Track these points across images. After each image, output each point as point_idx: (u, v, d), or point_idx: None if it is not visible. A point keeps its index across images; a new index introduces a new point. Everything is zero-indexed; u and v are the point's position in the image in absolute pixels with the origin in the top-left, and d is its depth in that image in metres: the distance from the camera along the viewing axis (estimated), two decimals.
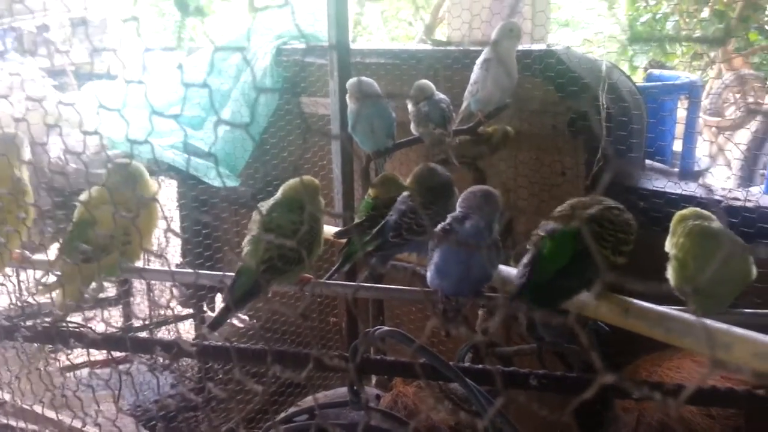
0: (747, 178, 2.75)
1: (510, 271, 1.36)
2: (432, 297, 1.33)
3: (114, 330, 2.76)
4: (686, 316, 0.98)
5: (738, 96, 4.85)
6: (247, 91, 3.12)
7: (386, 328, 1.19)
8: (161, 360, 2.67)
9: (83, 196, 1.46)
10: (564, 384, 1.07)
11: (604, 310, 1.11)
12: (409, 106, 2.05)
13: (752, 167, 2.75)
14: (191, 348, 1.14)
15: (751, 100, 4.69)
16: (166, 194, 3.42)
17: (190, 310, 3.58)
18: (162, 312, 3.55)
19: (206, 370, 3.35)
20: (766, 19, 5.98)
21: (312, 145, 3.09)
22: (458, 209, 1.34)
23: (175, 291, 3.41)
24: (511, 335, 2.11)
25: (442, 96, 2.02)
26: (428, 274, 1.37)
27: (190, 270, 1.99)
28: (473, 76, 2.05)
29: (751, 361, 0.85)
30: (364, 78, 2.04)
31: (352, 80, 2.03)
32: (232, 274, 1.35)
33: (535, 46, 2.43)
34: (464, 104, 2.11)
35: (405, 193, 1.60)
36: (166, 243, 3.43)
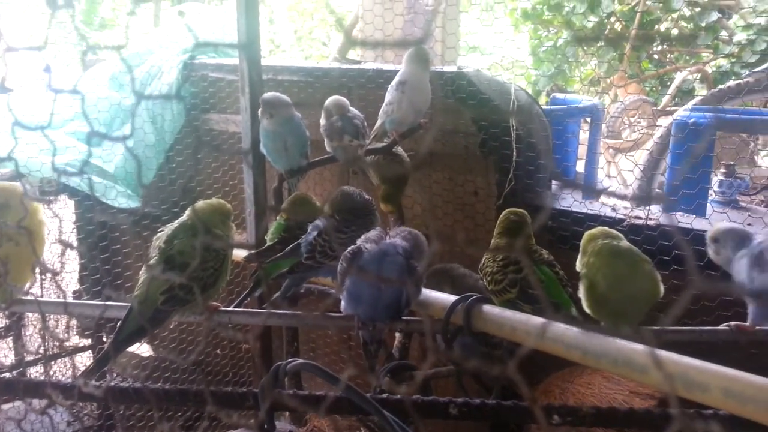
0: (645, 197, 2.90)
1: (431, 294, 1.33)
2: (349, 323, 1.28)
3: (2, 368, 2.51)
4: (601, 336, 0.99)
5: (633, 119, 5.16)
6: (151, 107, 2.97)
7: (299, 360, 1.12)
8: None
9: None
10: (483, 411, 1.05)
11: (522, 333, 1.10)
12: (322, 121, 2.00)
13: (650, 187, 2.91)
14: (95, 391, 1.02)
15: (644, 123, 5.00)
16: (64, 216, 3.18)
17: (89, 341, 3.32)
18: (57, 344, 3.27)
19: (105, 408, 3.11)
20: (655, 48, 6.45)
21: (222, 163, 2.97)
22: (376, 234, 1.31)
23: (72, 321, 3.16)
24: (429, 358, 2.09)
25: (356, 112, 2.00)
26: (342, 300, 1.32)
27: (83, 301, 1.83)
28: (388, 97, 2.03)
29: (666, 383, 0.85)
30: (278, 94, 1.97)
31: (266, 96, 1.95)
32: (127, 304, 1.24)
33: (447, 68, 2.46)
34: (378, 123, 2.09)
35: (321, 216, 1.54)
36: (61, 268, 3.18)
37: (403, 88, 1.96)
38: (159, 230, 1.38)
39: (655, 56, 6.54)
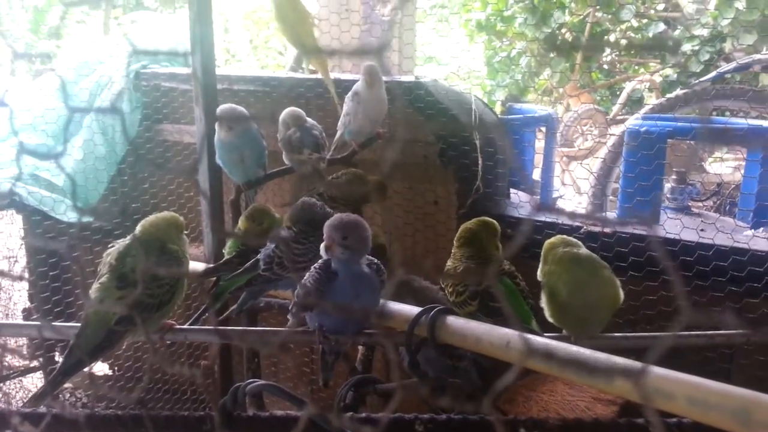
0: (599, 205, 2.96)
1: (394, 306, 1.31)
2: (310, 338, 1.25)
3: None
4: (565, 345, 0.99)
5: (586, 128, 5.28)
6: (101, 118, 2.87)
7: (259, 381, 1.08)
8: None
9: None
10: (450, 427, 1.04)
11: (486, 344, 1.10)
12: (279, 134, 1.97)
13: (603, 194, 2.97)
14: (30, 428, 0.96)
15: (597, 132, 5.12)
16: (9, 231, 3.05)
17: (38, 362, 3.18)
18: (6, 364, 3.12)
19: None
20: (605, 59, 6.63)
21: (177, 175, 2.90)
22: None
23: (21, 341, 3.02)
24: (392, 371, 2.07)
25: (313, 123, 1.97)
26: (307, 314, 1.29)
27: (28, 322, 1.74)
28: (345, 108, 2.02)
29: (632, 391, 0.86)
30: (234, 106, 1.93)
31: (223, 107, 1.91)
32: (77, 324, 1.18)
33: (405, 78, 2.47)
34: (338, 134, 2.07)
35: (280, 227, 1.51)
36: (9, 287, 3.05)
37: (357, 99, 1.95)
38: (110, 246, 1.33)
39: (605, 66, 6.72)
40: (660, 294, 1.89)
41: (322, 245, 1.23)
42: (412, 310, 1.31)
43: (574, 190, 4.64)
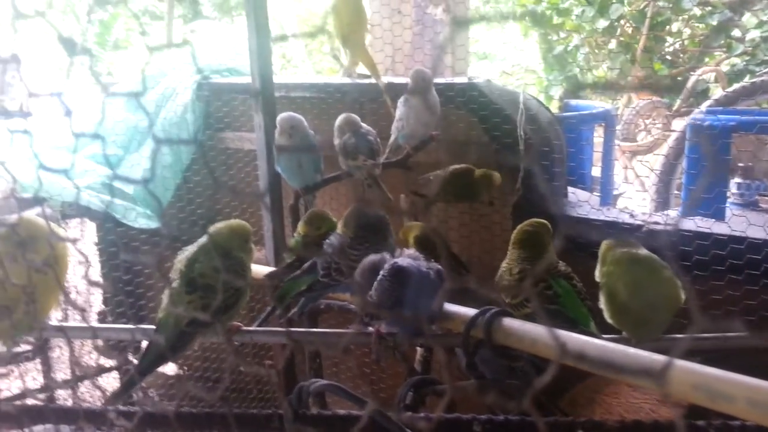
0: (663, 202, 2.88)
1: (450, 308, 1.33)
2: (368, 340, 1.28)
3: (29, 390, 2.54)
4: (622, 347, 0.98)
5: (648, 122, 5.13)
6: (167, 128, 3.01)
7: (322, 381, 1.13)
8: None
9: None
10: (507, 428, 1.05)
11: (542, 346, 1.10)
12: (336, 140, 2.02)
13: (667, 191, 2.89)
14: (126, 423, 1.03)
15: (660, 126, 4.97)
16: (87, 238, 3.22)
17: (113, 362, 3.35)
18: (83, 365, 3.31)
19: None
20: (667, 49, 6.41)
21: (239, 181, 3.00)
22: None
23: (98, 342, 3.20)
24: (442, 371, 2.09)
25: (368, 128, 2.01)
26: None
27: (108, 325, 1.85)
28: (398, 113, 2.06)
29: (691, 393, 0.85)
30: (293, 114, 2.00)
31: (282, 115, 1.98)
32: (146, 326, 1.25)
33: (457, 80, 2.47)
34: (392, 138, 2.10)
35: (335, 232, 1.55)
36: (88, 293, 3.22)
37: (409, 103, 1.98)
38: (179, 252, 1.40)
39: (668, 57, 6.49)
40: (726, 293, 1.83)
41: None
42: (469, 311, 1.32)
43: (637, 186, 4.51)
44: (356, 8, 2.14)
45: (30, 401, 1.67)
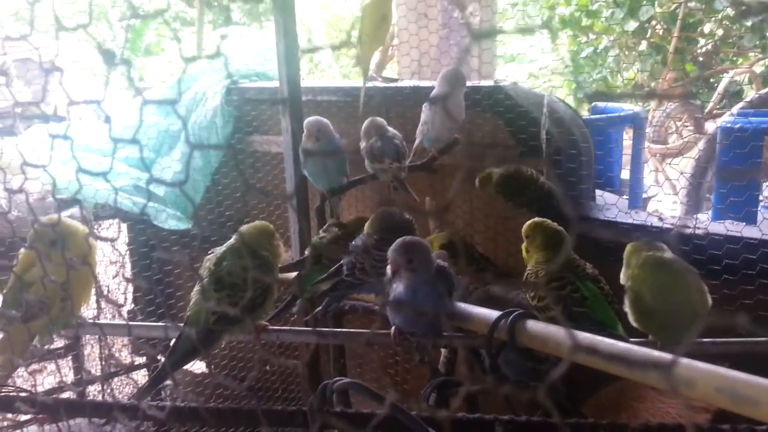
0: (694, 205, 2.83)
1: (474, 310, 1.34)
2: (389, 340, 1.30)
3: (64, 385, 2.62)
4: (646, 350, 0.98)
5: (679, 124, 5.05)
6: (197, 132, 3.07)
7: (346, 380, 1.15)
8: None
9: (20, 257, 1.39)
10: (530, 428, 1.05)
11: (566, 348, 1.10)
12: (362, 143, 2.04)
13: (698, 194, 2.84)
14: (157, 412, 1.07)
15: (691, 128, 4.89)
16: (115, 239, 3.30)
17: (143, 360, 3.43)
18: (114, 362, 3.39)
19: (162, 424, 3.19)
20: (699, 50, 6.30)
21: (266, 184, 3.04)
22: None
23: (127, 340, 3.27)
24: (475, 373, 2.09)
25: (394, 132, 2.03)
26: (388, 313, 1.35)
27: (138, 323, 1.90)
28: (423, 116, 2.07)
29: (715, 396, 0.84)
30: (320, 118, 2.03)
31: (309, 119, 2.02)
32: (180, 324, 1.29)
33: (484, 83, 2.47)
34: (417, 141, 2.12)
35: (362, 234, 1.58)
36: (124, 292, 3.29)
37: (435, 108, 1.99)
38: (209, 252, 1.44)
39: (700, 59, 6.37)
40: (757, 298, 1.80)
41: (388, 268, 1.29)
42: (492, 313, 1.33)
43: (667, 189, 4.45)
44: (383, 13, 2.15)
45: (66, 395, 1.72)
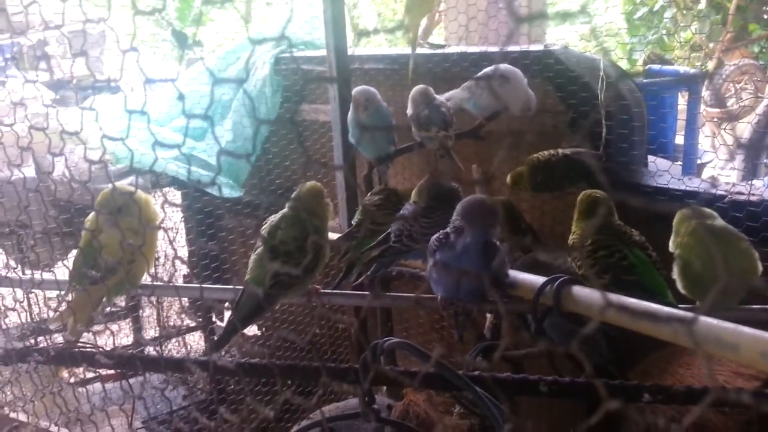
0: (750, 171, 2.74)
1: (520, 276, 1.37)
2: (436, 303, 1.34)
3: (124, 346, 2.78)
4: (692, 315, 0.98)
5: (739, 87, 4.84)
6: (248, 101, 3.13)
7: (395, 339, 1.20)
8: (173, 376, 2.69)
9: (89, 223, 1.48)
10: (573, 389, 1.08)
11: (612, 312, 1.12)
12: (409, 111, 2.06)
13: (755, 160, 2.75)
14: (229, 365, 1.16)
15: (751, 91, 4.68)
16: (172, 207, 3.43)
17: (199, 321, 3.59)
18: (171, 324, 3.56)
19: (217, 383, 3.35)
20: (763, 8, 5.97)
21: (314, 152, 3.10)
22: (454, 220, 1.36)
23: (184, 303, 3.43)
24: (520, 337, 2.12)
25: (441, 100, 2.03)
26: (431, 282, 1.38)
27: (196, 285, 2.00)
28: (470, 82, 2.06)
29: (759, 360, 0.85)
30: (368, 87, 2.06)
31: (357, 89, 2.04)
32: (240, 287, 1.36)
33: (533, 47, 2.43)
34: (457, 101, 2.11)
35: (409, 202, 1.61)
36: (180, 259, 3.44)
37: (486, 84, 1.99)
38: (264, 221, 1.51)
39: (765, 16, 6.04)
40: None
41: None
42: (538, 279, 1.35)
43: (724, 154, 4.29)
44: None
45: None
